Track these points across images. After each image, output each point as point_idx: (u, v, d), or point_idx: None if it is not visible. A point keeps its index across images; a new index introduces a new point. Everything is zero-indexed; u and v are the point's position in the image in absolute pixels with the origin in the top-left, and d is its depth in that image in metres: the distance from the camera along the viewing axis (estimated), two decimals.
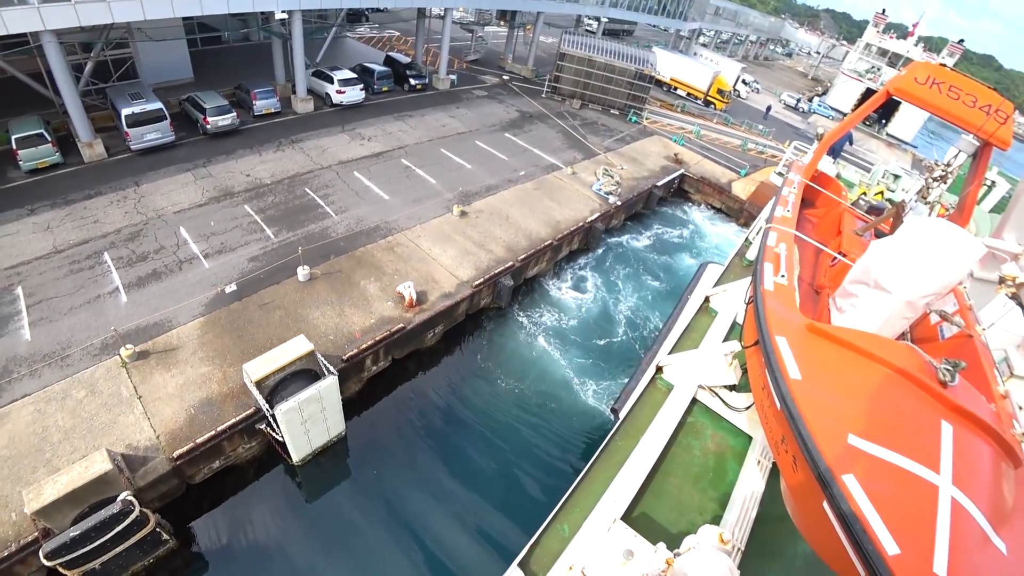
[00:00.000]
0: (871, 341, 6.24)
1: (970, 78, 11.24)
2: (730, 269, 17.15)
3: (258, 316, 14.95)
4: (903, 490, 4.58)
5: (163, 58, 26.12)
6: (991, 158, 11.26)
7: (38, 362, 12.79)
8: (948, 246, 7.12)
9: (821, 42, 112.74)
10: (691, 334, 13.86)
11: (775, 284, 8.42)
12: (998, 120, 10.33)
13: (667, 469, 10.01)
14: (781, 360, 6.34)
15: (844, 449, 4.95)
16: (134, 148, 20.79)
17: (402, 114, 30.63)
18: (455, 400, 16.41)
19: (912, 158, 55.63)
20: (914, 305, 7.57)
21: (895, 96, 11.69)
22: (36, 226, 16.76)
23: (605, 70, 37.18)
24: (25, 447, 11.14)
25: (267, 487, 13.39)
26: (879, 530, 4.23)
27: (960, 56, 63.30)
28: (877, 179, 27.47)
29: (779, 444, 6.25)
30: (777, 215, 11.22)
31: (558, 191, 25.55)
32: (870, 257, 7.99)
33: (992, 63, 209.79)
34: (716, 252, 28.04)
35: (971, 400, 5.49)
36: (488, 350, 18.39)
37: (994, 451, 5.22)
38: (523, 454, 15.19)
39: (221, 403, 12.67)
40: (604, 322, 20.70)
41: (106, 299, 14.71)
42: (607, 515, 8.63)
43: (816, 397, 5.70)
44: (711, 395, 11.25)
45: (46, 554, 9.43)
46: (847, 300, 8.53)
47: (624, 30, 73.76)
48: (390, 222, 20.18)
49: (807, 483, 5.19)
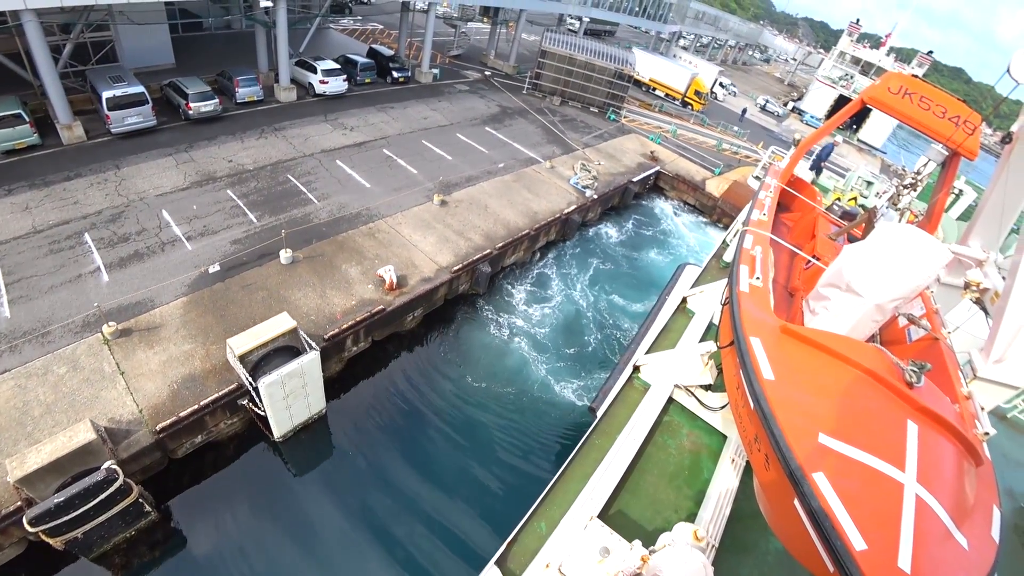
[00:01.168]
0: (841, 343, 6.40)
1: (941, 90, 11.60)
2: (707, 271, 17.37)
3: (241, 296, 15.24)
4: (870, 487, 4.71)
5: (144, 43, 25.97)
6: (959, 167, 11.64)
7: (18, 339, 12.89)
8: (916, 252, 7.33)
9: (798, 49, 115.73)
10: (668, 334, 14.07)
11: (750, 286, 8.56)
12: (966, 131, 10.61)
13: (643, 467, 10.12)
14: (755, 360, 6.44)
15: (814, 448, 5.06)
16: (115, 131, 20.76)
17: (384, 106, 30.91)
18: (433, 385, 16.89)
19: (881, 163, 57.73)
20: (883, 308, 7.76)
21: (869, 105, 12.00)
22: (14, 206, 16.72)
23: (585, 68, 37.93)
24: (5, 420, 11.26)
25: (248, 463, 13.74)
26: (847, 526, 4.37)
27: (929, 67, 65.74)
28: (851, 185, 28.36)
29: (752, 443, 6.36)
30: (753, 218, 11.41)
31: (536, 184, 26.18)
32: (842, 261, 8.16)
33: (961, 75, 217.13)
34: (684, 244, 29.10)
35: (936, 401, 5.66)
36: (466, 335, 18.93)
37: (957, 450, 5.38)
38: (500, 445, 15.55)
39: (204, 379, 12.96)
40: (575, 307, 21.46)
41: (87, 278, 14.83)
42: (584, 513, 8.69)
43: (788, 397, 5.81)
44: (687, 395, 11.36)
45: (30, 520, 9.61)
46: (820, 303, 8.70)
47: (606, 31, 74.74)
48: (371, 209, 20.55)
49: (779, 481, 5.30)
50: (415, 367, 17.40)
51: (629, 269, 25.40)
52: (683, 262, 19.39)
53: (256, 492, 13.27)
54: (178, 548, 12.05)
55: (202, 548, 12.11)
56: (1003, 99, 9.58)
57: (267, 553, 12.18)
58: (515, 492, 14.18)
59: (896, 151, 69.78)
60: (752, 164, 38.66)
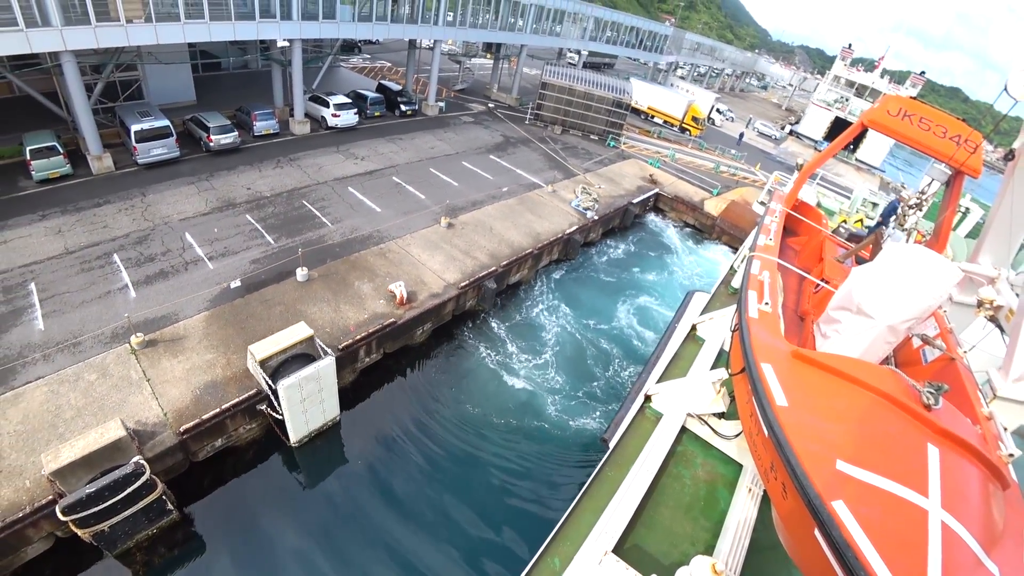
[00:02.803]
0: (855, 366, 6.27)
1: (939, 110, 11.64)
2: (716, 297, 17.31)
3: (260, 311, 16.09)
4: (893, 515, 4.54)
5: (168, 81, 27.74)
6: (964, 185, 11.59)
7: (51, 348, 13.74)
8: (926, 271, 7.30)
9: (793, 75, 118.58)
10: (679, 362, 13.88)
11: (759, 311, 8.45)
12: (968, 150, 10.52)
13: (658, 499, 9.87)
14: (767, 387, 6.33)
15: (833, 475, 4.92)
16: (141, 162, 22.12)
17: (393, 137, 32.40)
18: (442, 399, 17.36)
19: (880, 181, 58.71)
20: (896, 330, 7.67)
21: (870, 127, 12.01)
22: (48, 230, 17.86)
23: (585, 98, 39.55)
24: (39, 423, 12.01)
25: (266, 468, 14.28)
26: (871, 557, 4.20)
27: (925, 87, 67.42)
28: (856, 207, 28.37)
29: (768, 471, 6.19)
30: (760, 243, 11.33)
31: (539, 207, 27.21)
32: (852, 283, 8.09)
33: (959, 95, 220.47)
34: (682, 261, 29.98)
35: (956, 423, 5.50)
36: (473, 350, 19.57)
37: (981, 473, 5.21)
38: (509, 472, 15.60)
39: (225, 386, 13.69)
40: (578, 323, 22.09)
41: (116, 294, 15.77)
42: (598, 548, 8.45)
43: (803, 423, 5.67)
44: (700, 423, 11.18)
45: (62, 509, 10.24)
46: (831, 326, 8.60)
47: (605, 63, 77.44)
48: (382, 231, 21.56)
49: (797, 511, 5.15)
50: (424, 380, 18.01)
51: (631, 283, 26.11)
52: (691, 289, 19.46)
53: (273, 497, 13.76)
54: (197, 549, 12.49)
55: (220, 550, 12.53)
56: (1003, 116, 9.61)
57: (281, 558, 12.55)
58: (525, 521, 14.29)
59: (895, 171, 70.82)
60: (749, 184, 39.71)
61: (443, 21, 34.96)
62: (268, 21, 24.58)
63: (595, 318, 22.68)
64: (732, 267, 19.39)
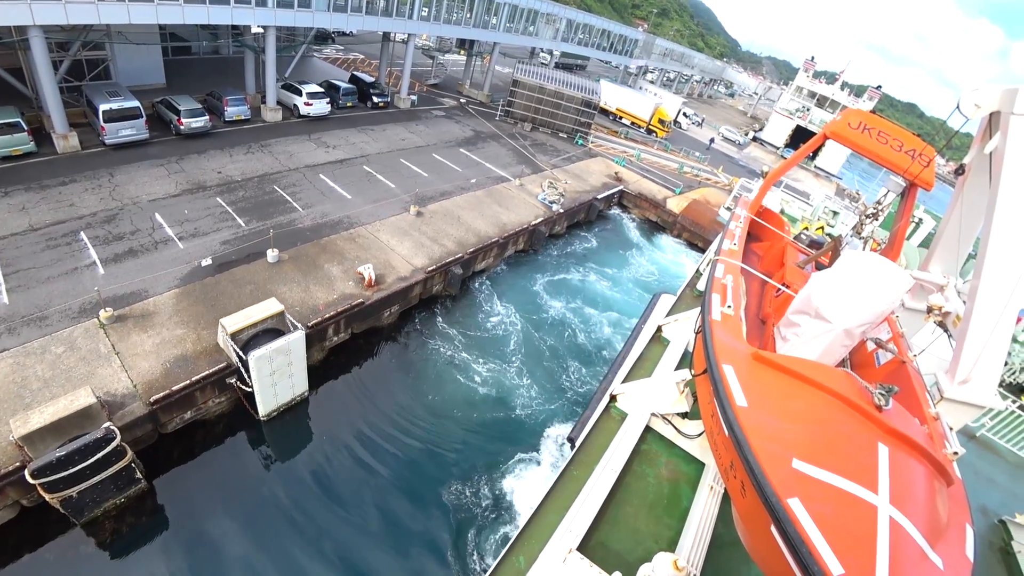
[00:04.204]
0: (811, 368, 6.48)
1: (897, 125, 11.99)
2: (682, 299, 17.52)
3: (230, 289, 16.44)
4: (845, 511, 4.73)
5: (138, 63, 27.46)
6: (917, 197, 12.06)
7: (16, 322, 13.83)
8: (881, 278, 7.59)
9: (759, 84, 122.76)
10: (644, 363, 14.06)
11: (722, 314, 8.62)
12: (922, 163, 10.89)
13: (622, 497, 9.99)
14: (728, 388, 6.49)
15: (789, 473, 5.08)
16: (108, 143, 22.01)
17: (365, 127, 32.74)
18: (407, 381, 17.97)
19: (837, 187, 61.69)
20: (851, 333, 7.92)
21: (831, 138, 12.29)
22: (11, 207, 17.73)
23: (555, 97, 40.59)
24: (4, 393, 12.11)
25: (234, 441, 14.70)
26: (824, 551, 4.37)
27: (881, 101, 70.98)
28: (818, 215, 29.54)
29: (728, 470, 6.32)
30: (724, 248, 11.64)
31: (506, 199, 28.05)
32: (811, 288, 8.33)
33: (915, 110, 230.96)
34: (640, 253, 31.41)
35: (905, 423, 5.71)
36: (440, 332, 20.27)
37: (928, 470, 5.44)
38: (476, 458, 16.00)
39: (195, 360, 14.06)
40: (542, 308, 23.07)
41: (83, 271, 15.88)
42: (563, 546, 8.56)
43: (761, 423, 5.83)
44: (664, 423, 11.35)
45: (32, 472, 10.49)
46: (790, 329, 8.84)
47: (577, 64, 78.86)
48: (352, 217, 22.04)
49: (755, 508, 5.29)
50: (391, 360, 18.65)
51: (594, 272, 27.22)
52: (658, 291, 19.99)
53: (240, 470, 14.20)
54: (164, 520, 12.81)
55: (187, 521, 12.86)
56: (955, 133, 10.04)
57: (248, 529, 12.98)
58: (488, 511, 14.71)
59: (851, 178, 74.34)
60: (711, 185, 41.43)
61: (418, 15, 35.42)
62: (242, 7, 24.68)
63: (556, 299, 23.67)
64: (698, 270, 19.76)
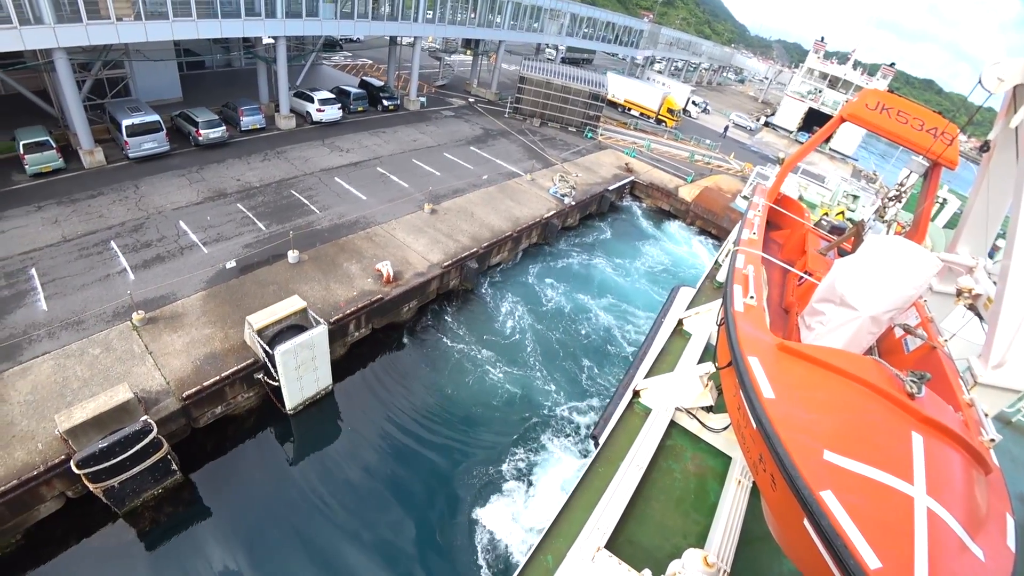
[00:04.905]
0: (839, 357, 6.36)
1: (916, 103, 11.79)
2: (701, 291, 17.44)
3: (254, 290, 17.01)
4: (880, 503, 4.61)
5: (155, 79, 28.41)
6: (941, 177, 11.73)
7: (55, 326, 14.55)
8: (907, 262, 7.43)
9: (769, 68, 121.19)
10: (666, 357, 13.98)
11: (745, 305, 8.49)
12: (944, 142, 10.62)
13: (648, 494, 9.90)
14: (754, 380, 6.39)
15: (820, 465, 4.98)
16: (132, 156, 22.85)
17: (376, 130, 33.33)
18: (426, 375, 18.29)
19: (853, 169, 60.75)
20: (878, 320, 7.78)
21: (849, 121, 12.01)
22: (44, 220, 18.57)
23: (562, 91, 40.74)
24: (48, 393, 12.84)
25: (263, 435, 15.23)
26: (859, 545, 4.27)
27: (895, 78, 69.66)
28: (838, 200, 29.12)
29: (757, 463, 6.23)
30: (744, 238, 11.41)
31: (518, 194, 28.35)
32: (834, 275, 8.20)
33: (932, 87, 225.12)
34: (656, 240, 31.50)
35: (938, 410, 5.60)
36: (458, 326, 20.62)
37: (964, 459, 5.29)
38: (497, 445, 16.21)
39: (224, 357, 14.62)
40: (556, 300, 23.32)
41: (115, 277, 16.59)
42: (591, 544, 8.52)
43: (790, 415, 5.73)
44: (689, 417, 11.25)
45: (77, 462, 11.13)
46: (815, 318, 8.70)
47: (584, 59, 78.71)
48: (368, 217, 22.54)
49: (786, 501, 5.19)
50: (410, 354, 19.04)
51: (607, 262, 27.38)
52: (676, 284, 19.87)
53: (270, 462, 14.72)
54: (200, 510, 13.33)
55: (220, 511, 13.35)
56: (978, 109, 9.76)
57: (278, 519, 13.41)
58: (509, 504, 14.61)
59: (868, 159, 73.11)
60: (723, 172, 41.20)
61: (423, 18, 35.91)
62: (253, 19, 25.38)
63: (571, 292, 23.89)
64: (716, 262, 19.60)
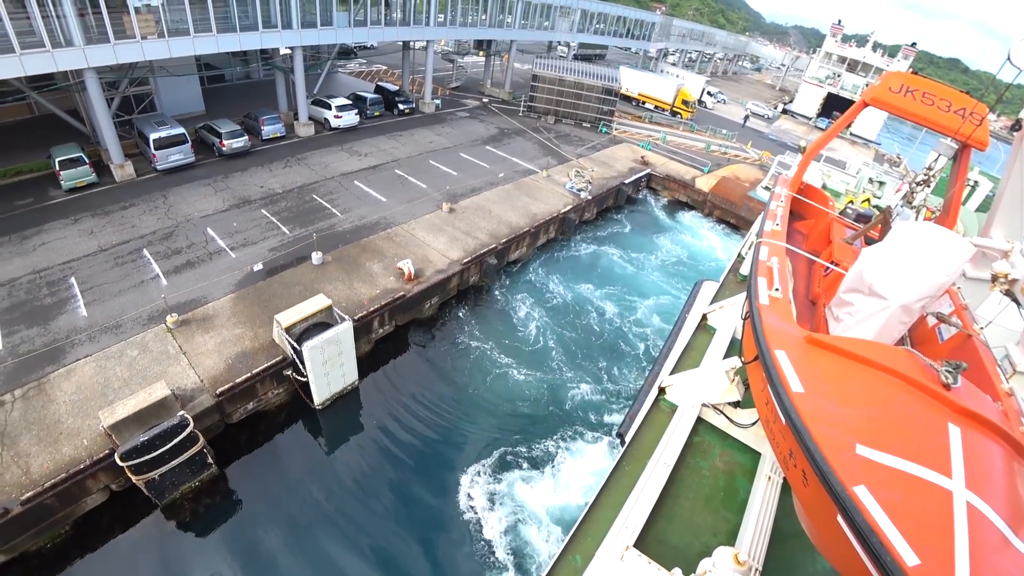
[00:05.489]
0: (870, 348, 6.21)
1: (942, 83, 11.43)
2: (725, 285, 17.27)
3: (280, 291, 17.54)
4: (917, 498, 4.47)
5: (179, 93, 29.42)
6: (971, 159, 11.41)
7: (95, 331, 15.26)
8: (937, 248, 7.20)
9: (785, 55, 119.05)
10: (691, 353, 13.91)
11: (770, 298, 8.32)
12: (974, 122, 10.29)
13: (677, 492, 9.80)
14: (782, 374, 6.25)
15: (853, 460, 4.85)
16: (160, 168, 23.72)
17: (393, 134, 33.89)
18: (449, 369, 18.61)
19: (875, 153, 59.37)
20: (910, 309, 7.56)
21: (871, 105, 11.71)
22: (81, 231, 19.43)
23: (575, 88, 40.82)
24: (91, 392, 13.51)
25: (293, 429, 15.71)
26: (896, 541, 4.12)
27: (914, 57, 67.91)
28: (862, 186, 28.37)
29: (787, 459, 6.07)
30: (767, 229, 11.20)
31: (535, 190, 28.53)
32: (862, 265, 8.01)
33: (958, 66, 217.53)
34: (673, 232, 31.39)
35: (976, 400, 5.43)
36: (478, 322, 20.88)
37: (1005, 450, 5.10)
38: (522, 441, 16.26)
39: (254, 355, 15.14)
40: (577, 293, 23.41)
41: (149, 283, 17.28)
42: (619, 543, 8.39)
43: (820, 409, 5.60)
44: (716, 413, 11.15)
45: (120, 455, 11.71)
46: (843, 309, 8.50)
47: (596, 54, 78.62)
48: (388, 218, 23.00)
49: (819, 497, 5.08)
50: (433, 350, 19.36)
51: (625, 255, 27.40)
52: (700, 279, 19.71)
53: (300, 455, 15.20)
54: (234, 503, 13.86)
55: (255, 504, 13.84)
56: (1007, 87, 9.42)
57: (311, 512, 13.83)
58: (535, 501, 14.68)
59: (891, 143, 71.35)
60: (740, 162, 40.75)
61: (434, 22, 36.37)
62: (270, 31, 26.11)
63: (589, 286, 23.98)
64: (740, 254, 19.27)
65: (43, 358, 14.19)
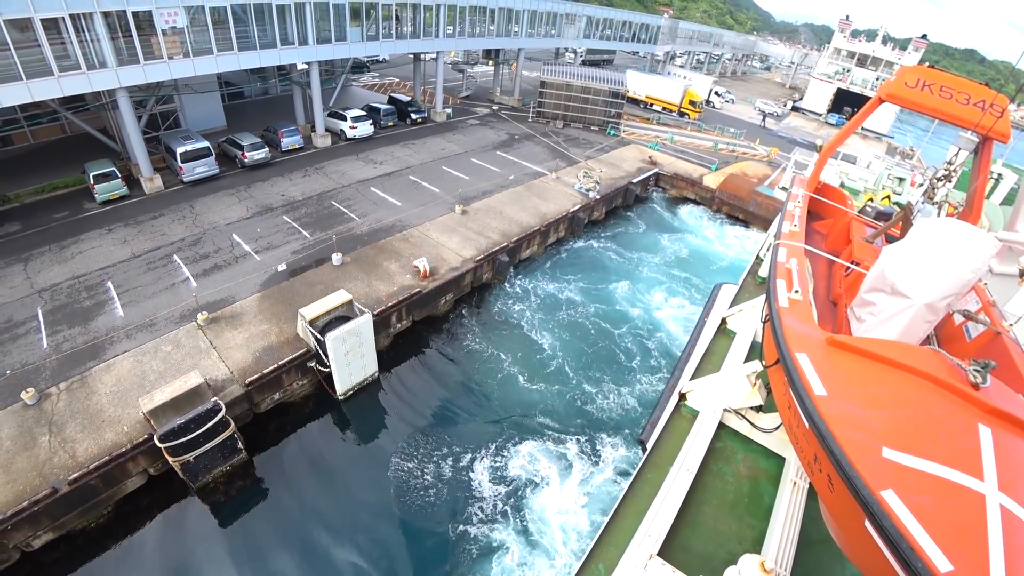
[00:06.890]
0: (894, 349, 6.06)
1: (959, 76, 11.19)
2: (744, 288, 17.04)
3: (303, 290, 18.44)
4: (948, 501, 4.33)
5: (202, 110, 30.85)
6: (993, 151, 11.12)
7: (132, 329, 16.27)
8: (961, 244, 7.00)
9: (794, 53, 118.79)
10: (711, 358, 13.71)
11: (790, 300, 8.14)
12: (994, 114, 10.03)
13: (700, 499, 9.61)
14: (804, 377, 6.13)
15: (880, 464, 4.72)
16: (186, 180, 24.96)
17: (407, 142, 34.97)
18: (464, 362, 19.24)
19: (888, 147, 59.04)
20: (934, 307, 7.35)
21: (888, 101, 11.51)
22: (115, 240, 20.61)
23: (583, 92, 41.63)
24: (129, 384, 14.47)
25: (317, 418, 16.51)
26: (927, 546, 3.98)
27: (925, 49, 67.49)
28: (882, 184, 28.01)
29: (812, 464, 5.95)
30: (785, 230, 11.01)
31: (544, 192, 29.26)
32: (884, 263, 7.83)
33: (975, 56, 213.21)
34: (681, 229, 31.58)
35: (1007, 400, 5.26)
36: (492, 318, 21.57)
37: None
38: (538, 441, 16.54)
39: (279, 348, 15.98)
40: (587, 286, 23.95)
41: (180, 285, 18.31)
42: (643, 552, 8.25)
43: (844, 412, 5.49)
44: (738, 418, 10.93)
45: (159, 437, 12.57)
46: (865, 309, 8.32)
47: (604, 59, 79.47)
48: (403, 221, 23.88)
49: (845, 502, 4.97)
50: (448, 345, 20.05)
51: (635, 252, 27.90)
52: (718, 282, 19.72)
53: (324, 443, 16.00)
54: (263, 487, 14.64)
55: (282, 488, 14.61)
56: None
57: (334, 495, 14.54)
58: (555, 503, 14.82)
59: (904, 134, 70.82)
60: (748, 159, 41.03)
61: (443, 34, 37.50)
62: (288, 48, 27.36)
63: (599, 282, 24.53)
64: (758, 256, 19.10)
65: (85, 354, 15.20)
